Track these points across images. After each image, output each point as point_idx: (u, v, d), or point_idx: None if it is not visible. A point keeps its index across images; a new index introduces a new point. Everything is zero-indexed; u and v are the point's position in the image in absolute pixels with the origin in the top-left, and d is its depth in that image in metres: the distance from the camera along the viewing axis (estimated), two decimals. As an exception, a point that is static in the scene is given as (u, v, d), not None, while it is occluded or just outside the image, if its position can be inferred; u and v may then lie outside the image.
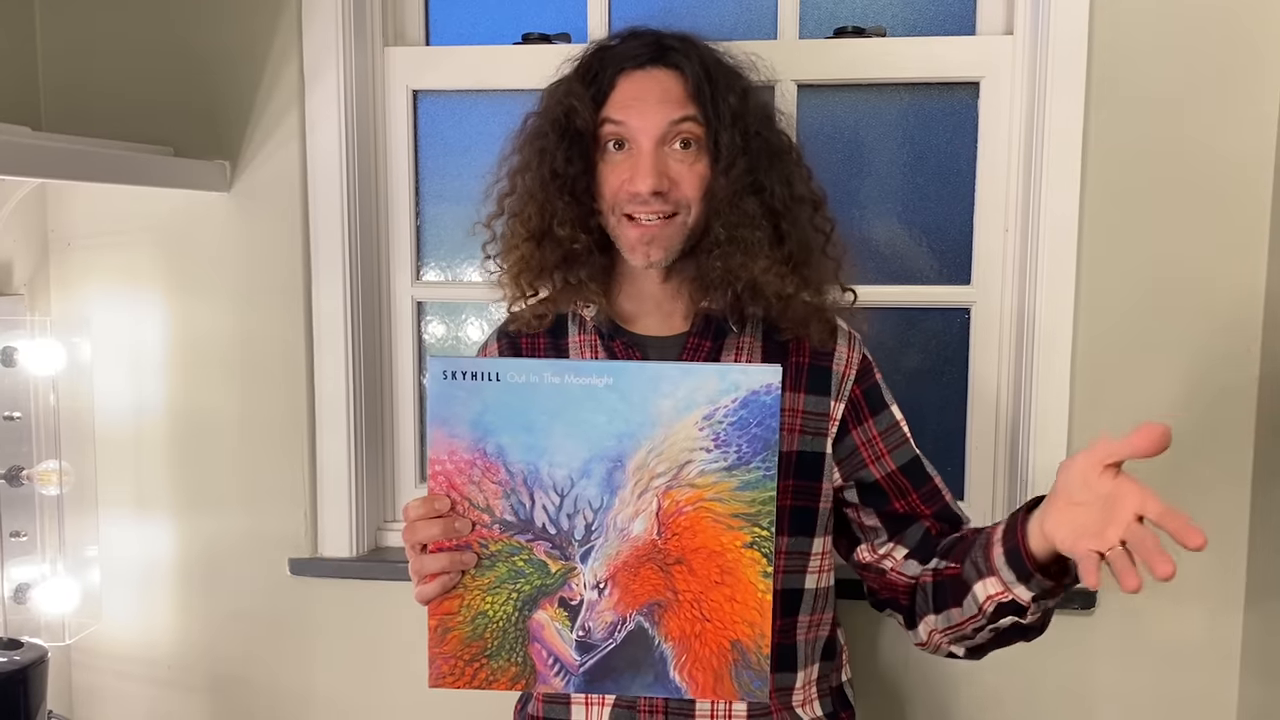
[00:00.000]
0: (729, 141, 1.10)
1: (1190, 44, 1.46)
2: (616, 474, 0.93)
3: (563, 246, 1.14)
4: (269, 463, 1.68)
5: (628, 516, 0.94)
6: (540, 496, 0.94)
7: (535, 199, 1.15)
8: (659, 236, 1.11)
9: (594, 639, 0.96)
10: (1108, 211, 1.49)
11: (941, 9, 1.60)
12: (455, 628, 0.97)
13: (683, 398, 0.92)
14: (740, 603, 0.94)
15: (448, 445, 0.94)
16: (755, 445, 0.92)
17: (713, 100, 1.11)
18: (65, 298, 1.72)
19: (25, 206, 1.63)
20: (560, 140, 1.13)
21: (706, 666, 0.96)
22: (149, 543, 1.73)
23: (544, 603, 0.96)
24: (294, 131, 1.62)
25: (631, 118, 1.10)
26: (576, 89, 1.14)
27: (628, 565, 0.95)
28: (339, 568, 1.67)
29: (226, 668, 1.74)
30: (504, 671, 0.97)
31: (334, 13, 1.59)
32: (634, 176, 1.09)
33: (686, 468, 0.93)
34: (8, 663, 1.36)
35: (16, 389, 1.59)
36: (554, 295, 1.20)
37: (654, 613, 0.96)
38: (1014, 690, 1.58)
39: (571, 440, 0.93)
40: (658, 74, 1.12)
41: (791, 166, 1.16)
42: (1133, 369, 1.51)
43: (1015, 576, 1.00)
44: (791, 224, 1.13)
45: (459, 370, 0.93)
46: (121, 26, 1.65)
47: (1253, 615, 1.51)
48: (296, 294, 1.65)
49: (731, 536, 0.94)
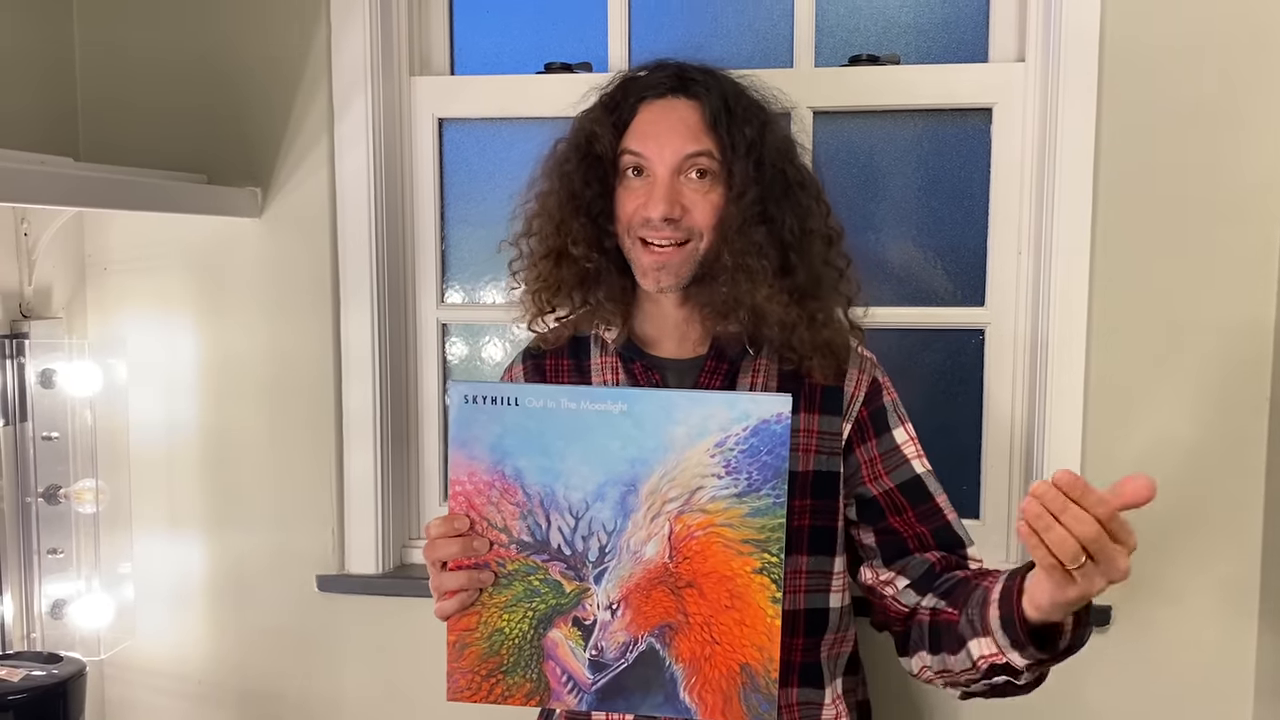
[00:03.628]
0: (742, 171, 1.12)
1: (1200, 70, 1.48)
2: (630, 498, 0.96)
3: (578, 265, 1.18)
4: (297, 481, 1.72)
5: (640, 540, 0.96)
6: (556, 518, 0.97)
7: (553, 219, 1.19)
8: (670, 263, 1.14)
9: (606, 658, 0.98)
10: (1120, 234, 1.51)
11: (954, 37, 1.64)
12: (473, 643, 1.00)
13: (695, 425, 0.94)
14: (750, 626, 0.96)
15: (468, 467, 0.97)
16: (765, 473, 0.94)
17: (729, 131, 1.13)
18: (102, 321, 1.77)
19: (63, 233, 1.69)
20: (581, 164, 1.18)
21: (716, 688, 0.98)
22: (181, 559, 1.77)
23: (558, 621, 0.98)
24: (323, 159, 1.67)
25: (649, 147, 1.14)
26: (599, 116, 1.18)
27: (640, 587, 0.97)
28: (365, 584, 1.71)
29: (256, 682, 1.77)
30: (519, 687, 1.00)
31: (362, 44, 1.64)
32: (648, 202, 1.13)
33: (698, 493, 0.95)
34: (47, 676, 1.39)
35: (55, 410, 1.64)
36: (575, 317, 1.23)
37: (665, 634, 0.98)
38: (1029, 707, 1.59)
39: (587, 464, 0.96)
40: (677, 104, 1.15)
41: (808, 201, 1.18)
42: (1145, 389, 1.53)
43: (1009, 643, 0.98)
44: (801, 256, 1.15)
45: (480, 395, 0.96)
46: (157, 57, 1.71)
47: (1266, 631, 1.52)
48: (325, 316, 1.69)
49: (742, 562, 0.96)
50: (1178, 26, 1.48)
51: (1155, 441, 1.54)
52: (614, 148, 1.16)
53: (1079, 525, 0.84)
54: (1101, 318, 1.52)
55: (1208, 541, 1.54)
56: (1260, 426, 1.51)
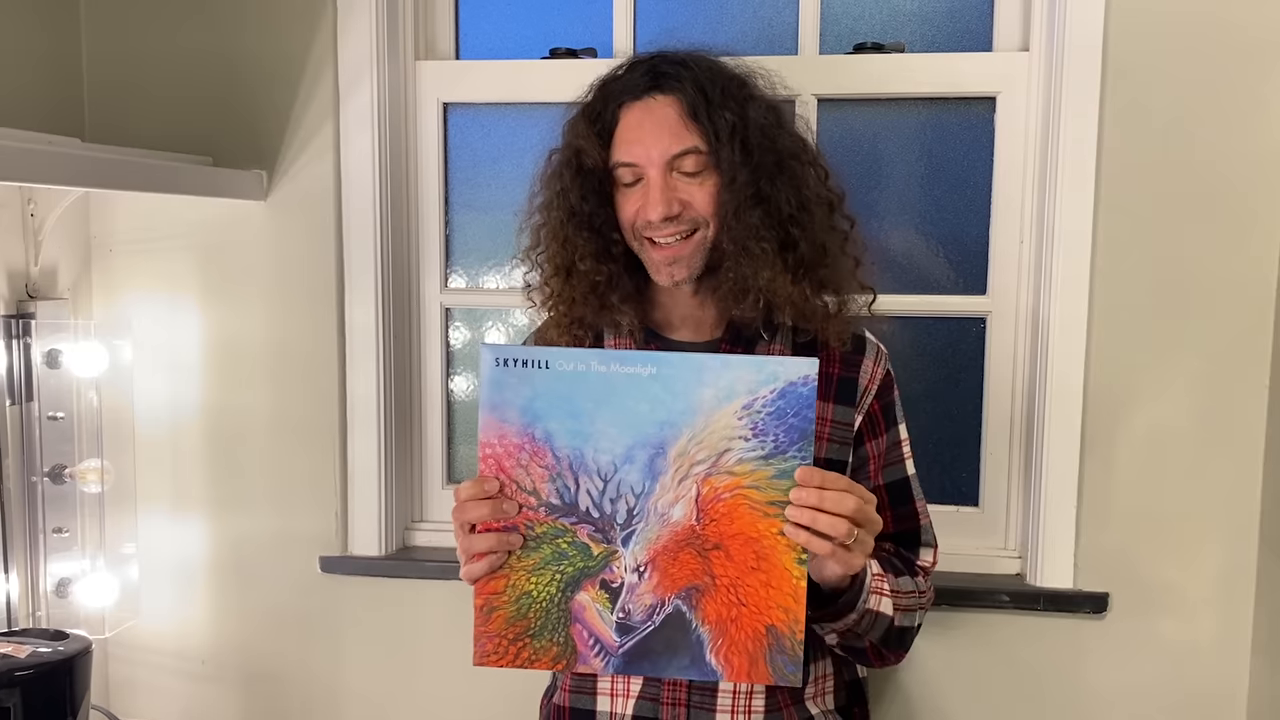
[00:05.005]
0: (729, 158, 1.13)
1: (1204, 59, 1.49)
2: (658, 460, 0.97)
3: (588, 278, 1.19)
4: (301, 463, 1.73)
5: (668, 502, 0.97)
6: (585, 481, 0.98)
7: (557, 237, 1.21)
8: (680, 256, 1.15)
9: (633, 621, 0.99)
10: (1121, 223, 1.52)
11: (959, 26, 1.64)
12: (500, 607, 1.00)
13: (723, 387, 0.95)
14: (775, 588, 0.97)
15: (498, 430, 0.98)
16: (792, 435, 0.95)
17: (710, 118, 1.13)
18: (107, 302, 1.77)
19: (70, 214, 1.69)
20: (574, 179, 1.19)
21: (742, 650, 0.98)
22: (185, 540, 1.78)
23: (586, 584, 0.99)
24: (329, 142, 1.68)
25: (636, 155, 1.15)
26: (584, 129, 1.19)
27: (667, 550, 0.98)
28: (368, 566, 1.72)
29: (259, 663, 1.79)
30: (546, 651, 1.00)
31: (368, 28, 1.65)
32: (645, 205, 1.14)
33: (725, 455, 0.96)
34: (53, 653, 1.40)
35: (60, 390, 1.65)
36: (591, 317, 1.23)
37: (692, 596, 0.98)
38: (1026, 692, 1.61)
39: (616, 427, 0.96)
40: (654, 103, 1.15)
41: (803, 168, 1.19)
42: (1145, 377, 1.54)
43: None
44: (802, 228, 1.16)
45: (511, 358, 0.97)
46: (162, 40, 1.71)
47: (1262, 617, 1.54)
48: (329, 299, 1.70)
49: (768, 523, 0.97)
50: (1182, 17, 1.48)
51: (1154, 430, 1.55)
52: (603, 159, 1.18)
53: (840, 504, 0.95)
54: (1102, 307, 1.53)
55: (1205, 529, 1.55)
56: (1259, 416, 1.52)
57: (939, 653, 1.61)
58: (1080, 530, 1.56)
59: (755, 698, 1.19)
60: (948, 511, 1.66)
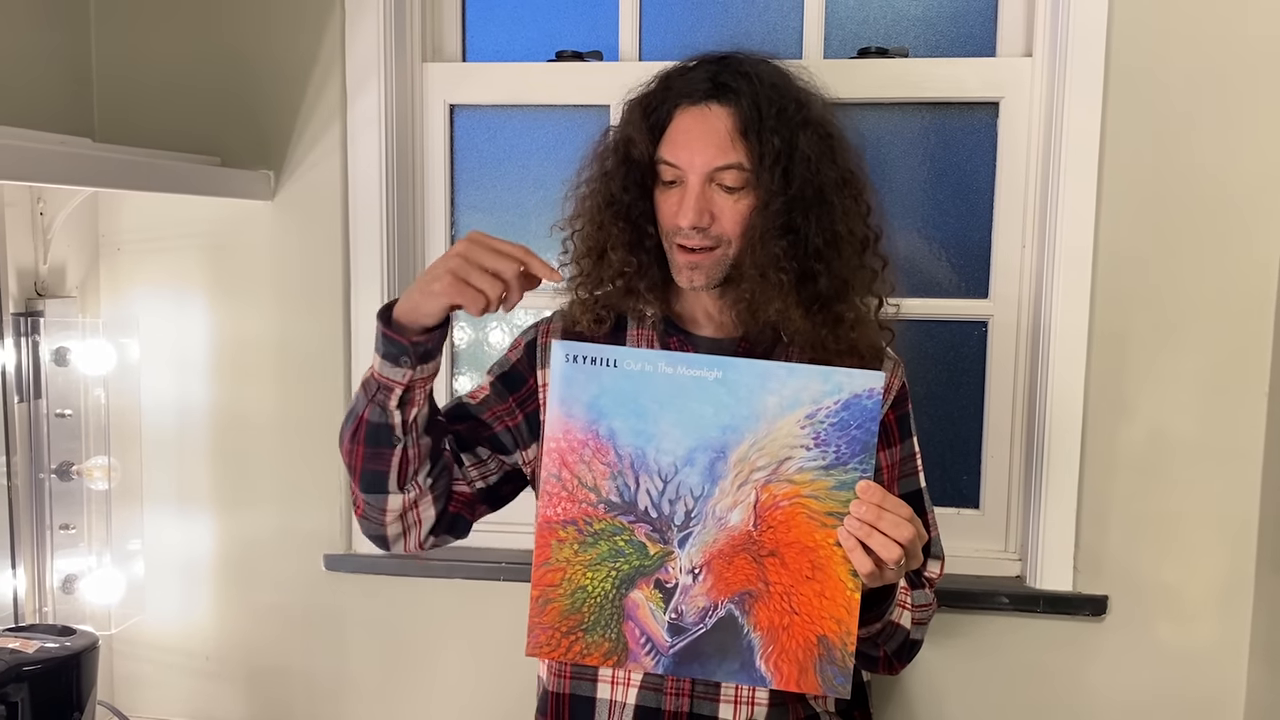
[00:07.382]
0: (768, 182, 1.13)
1: (1207, 66, 1.50)
2: (719, 464, 0.97)
3: (617, 267, 1.20)
4: (306, 462, 1.74)
5: (726, 506, 0.98)
6: (645, 480, 0.98)
7: (594, 220, 1.21)
8: (702, 264, 1.16)
9: (686, 622, 0.99)
10: (1123, 228, 1.53)
11: (963, 31, 1.65)
12: (556, 599, 1.00)
13: (788, 395, 0.96)
14: (829, 599, 0.97)
15: (564, 424, 0.99)
16: (854, 447, 0.96)
17: (759, 139, 1.13)
18: (115, 301, 1.78)
19: (78, 213, 1.70)
20: (620, 166, 1.20)
21: (792, 659, 0.99)
22: (190, 537, 1.80)
23: (641, 583, 0.99)
24: (336, 143, 1.69)
25: (680, 157, 1.15)
26: (637, 120, 1.19)
27: (723, 554, 0.98)
28: (372, 564, 1.73)
29: (263, 659, 1.80)
30: (598, 647, 1.00)
31: (376, 30, 1.66)
32: (679, 210, 1.14)
33: (786, 463, 0.96)
34: (60, 648, 1.41)
35: (68, 387, 1.66)
36: (615, 301, 1.24)
37: (745, 602, 0.99)
38: (1026, 694, 1.62)
39: (679, 429, 0.97)
40: (709, 113, 1.15)
41: (845, 201, 1.17)
42: (1145, 382, 1.55)
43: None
44: (826, 263, 1.15)
45: (580, 355, 0.98)
46: (172, 41, 1.72)
47: (1261, 621, 1.54)
48: (336, 299, 1.71)
49: (825, 534, 0.97)
50: (1184, 23, 1.49)
51: (1154, 434, 1.56)
52: (650, 153, 1.18)
53: (897, 529, 0.94)
54: (1103, 312, 1.54)
55: (1204, 532, 1.56)
56: (1259, 421, 1.53)
57: (939, 654, 1.62)
58: (1080, 533, 1.57)
59: (759, 690, 1.19)
60: (948, 514, 1.67)
